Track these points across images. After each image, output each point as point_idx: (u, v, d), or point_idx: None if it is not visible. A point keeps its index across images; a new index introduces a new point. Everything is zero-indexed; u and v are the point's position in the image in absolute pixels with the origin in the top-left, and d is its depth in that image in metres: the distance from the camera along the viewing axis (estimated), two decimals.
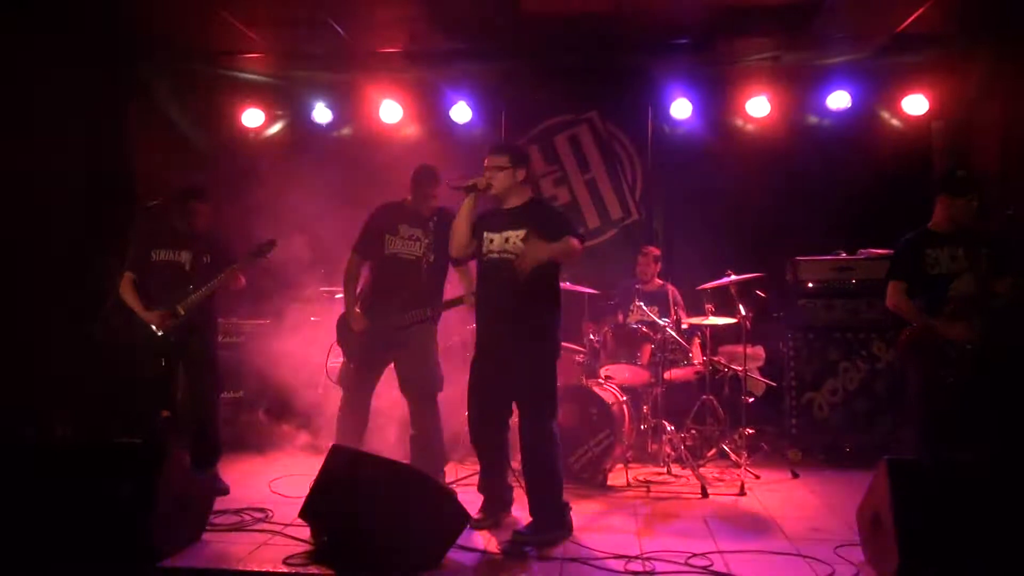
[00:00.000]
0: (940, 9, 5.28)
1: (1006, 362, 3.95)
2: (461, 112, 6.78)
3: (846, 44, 6.04)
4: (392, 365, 4.64)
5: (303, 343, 5.60)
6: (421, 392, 4.57)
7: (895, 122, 6.44)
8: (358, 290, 4.72)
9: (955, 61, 6.03)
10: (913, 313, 4.04)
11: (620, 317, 5.92)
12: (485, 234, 3.89)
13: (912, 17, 5.44)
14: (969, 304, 3.93)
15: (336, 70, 6.64)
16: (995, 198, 4.07)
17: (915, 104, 6.26)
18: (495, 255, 3.85)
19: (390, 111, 6.77)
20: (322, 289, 6.08)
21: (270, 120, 6.98)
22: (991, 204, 4.14)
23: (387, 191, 4.87)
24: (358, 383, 4.65)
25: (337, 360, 4.90)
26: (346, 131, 7.02)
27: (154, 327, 4.56)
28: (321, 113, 6.86)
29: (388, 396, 4.88)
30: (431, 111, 6.86)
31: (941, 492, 3.30)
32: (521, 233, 3.78)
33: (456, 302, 4.57)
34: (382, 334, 4.52)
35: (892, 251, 4.38)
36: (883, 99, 6.40)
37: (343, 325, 4.67)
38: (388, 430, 5.24)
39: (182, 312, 4.56)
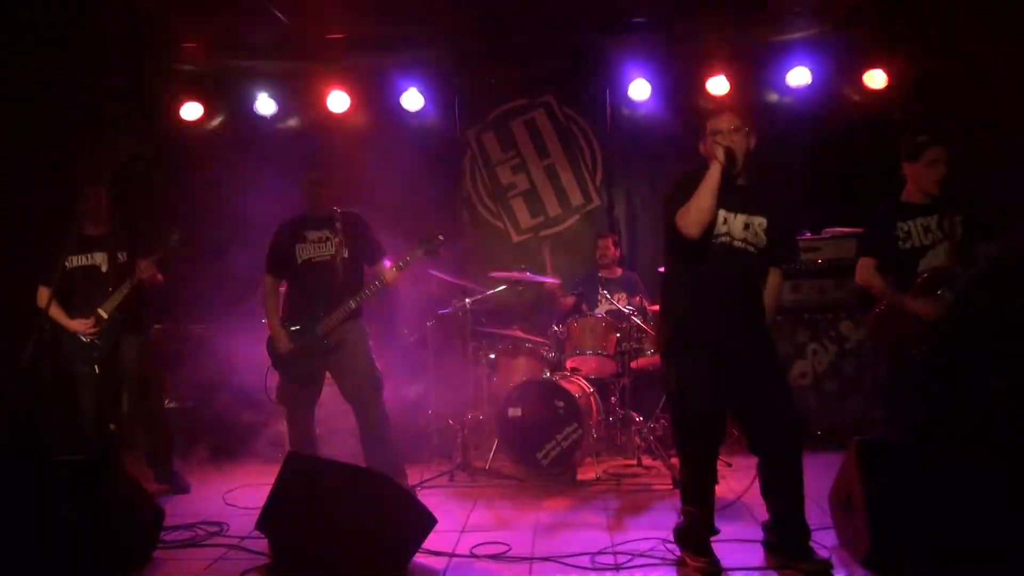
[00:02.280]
0: None
1: (975, 337, 3.97)
2: (412, 99, 6.72)
3: (804, 20, 6.12)
4: (332, 374, 4.66)
5: (253, 346, 5.51)
6: (363, 394, 4.57)
7: (857, 97, 6.44)
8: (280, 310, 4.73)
9: (910, 31, 6.12)
10: (882, 290, 4.07)
11: (584, 307, 5.96)
12: (720, 212, 3.38)
13: None
14: (939, 278, 3.94)
15: (279, 59, 6.58)
16: (961, 166, 4.08)
17: (875, 78, 6.33)
18: (730, 241, 3.40)
19: (337, 100, 6.70)
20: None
21: (210, 113, 6.87)
22: (957, 172, 4.14)
23: (337, 179, 4.89)
24: (298, 400, 4.65)
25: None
26: (292, 122, 6.95)
27: (80, 335, 4.54)
28: (264, 104, 6.77)
29: (338, 405, 4.88)
30: (381, 99, 6.81)
31: (911, 472, 3.38)
32: (763, 221, 3.43)
33: (378, 285, 4.56)
34: (311, 345, 4.53)
35: (859, 229, 4.42)
36: (844, 74, 6.46)
37: (272, 349, 4.67)
38: (344, 439, 5.24)
39: (104, 315, 4.54)
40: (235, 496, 4.78)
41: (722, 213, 3.37)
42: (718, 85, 6.50)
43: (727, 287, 3.39)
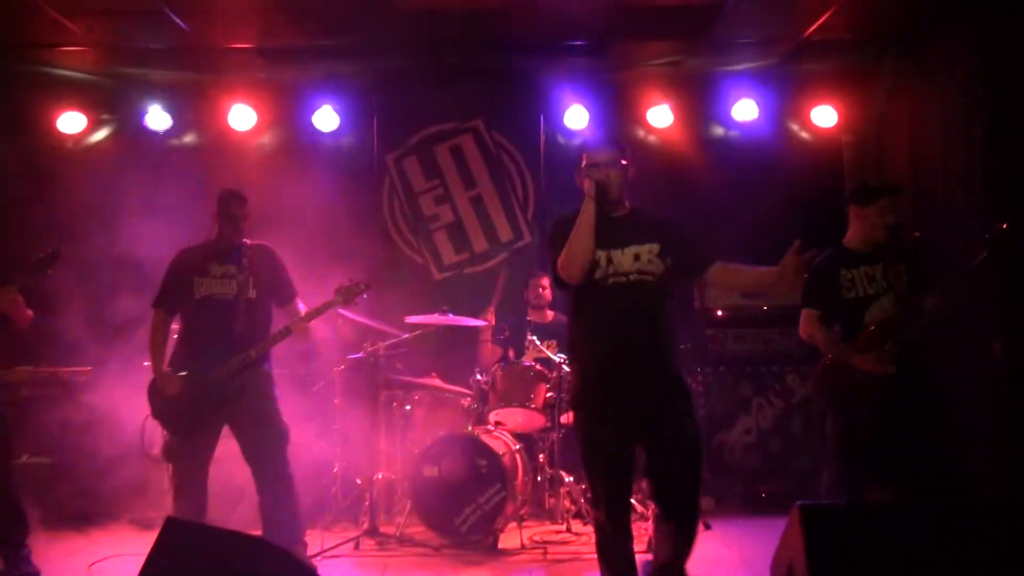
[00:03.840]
0: (845, 16, 5.60)
1: (925, 393, 4.08)
2: (326, 118, 6.73)
3: (750, 50, 6.33)
4: (227, 427, 4.55)
5: (133, 393, 5.32)
6: (264, 449, 4.49)
7: (804, 135, 6.77)
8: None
9: (863, 70, 6.43)
10: (827, 343, 4.16)
11: (511, 354, 5.96)
12: (597, 252, 3.49)
13: (817, 23, 5.74)
14: (886, 331, 4.05)
15: (176, 68, 6.51)
16: (907, 215, 4.26)
17: (824, 116, 6.61)
18: (621, 279, 3.50)
19: (241, 116, 6.69)
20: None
21: (93, 125, 6.80)
22: (904, 221, 4.32)
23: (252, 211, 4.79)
24: (186, 456, 4.51)
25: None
26: (188, 139, 6.93)
27: None
28: (156, 118, 6.71)
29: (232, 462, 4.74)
30: (291, 117, 6.82)
31: (857, 539, 3.42)
32: (654, 248, 3.52)
33: (283, 333, 4.50)
34: (204, 393, 4.41)
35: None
36: (791, 110, 6.74)
37: (155, 393, 4.49)
38: (238, 503, 5.11)
39: None
40: (103, 569, 4.64)
41: (604, 253, 3.49)
42: (660, 115, 6.72)
43: (626, 327, 3.49)
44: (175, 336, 4.64)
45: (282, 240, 5.22)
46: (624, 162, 3.59)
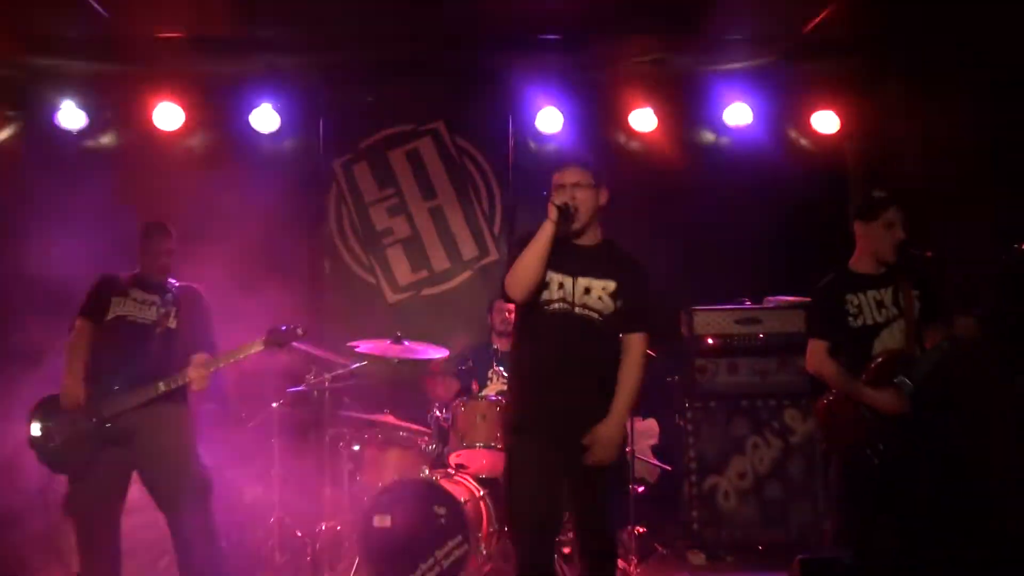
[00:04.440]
0: (848, 10, 5.65)
1: (941, 433, 4.09)
2: (265, 118, 6.72)
3: (744, 48, 6.40)
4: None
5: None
6: (179, 501, 4.42)
7: (804, 142, 6.87)
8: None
9: (868, 71, 6.50)
10: (836, 378, 4.13)
11: (475, 387, 5.92)
12: (550, 274, 3.67)
13: (818, 19, 5.81)
14: (896, 364, 4.04)
15: (93, 59, 6.44)
16: (917, 233, 4.28)
17: (826, 121, 6.69)
18: (568, 308, 3.67)
19: (167, 114, 6.65)
20: None
21: None
22: (916, 239, 4.34)
23: (160, 218, 4.80)
24: (91, 507, 4.42)
25: None
26: (106, 140, 6.89)
27: None
28: (70, 115, 6.65)
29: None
30: (224, 115, 6.81)
31: None
32: (609, 285, 3.68)
33: (177, 380, 4.43)
34: (86, 429, 4.34)
35: (807, 298, 4.53)
36: (789, 114, 6.83)
37: (47, 414, 4.41)
38: (159, 559, 5.04)
39: None
40: None
41: (558, 277, 3.65)
42: (643, 119, 6.76)
43: (565, 359, 3.64)
44: None
45: (213, 257, 5.27)
46: (595, 185, 3.69)
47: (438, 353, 5.82)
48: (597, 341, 3.66)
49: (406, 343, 5.58)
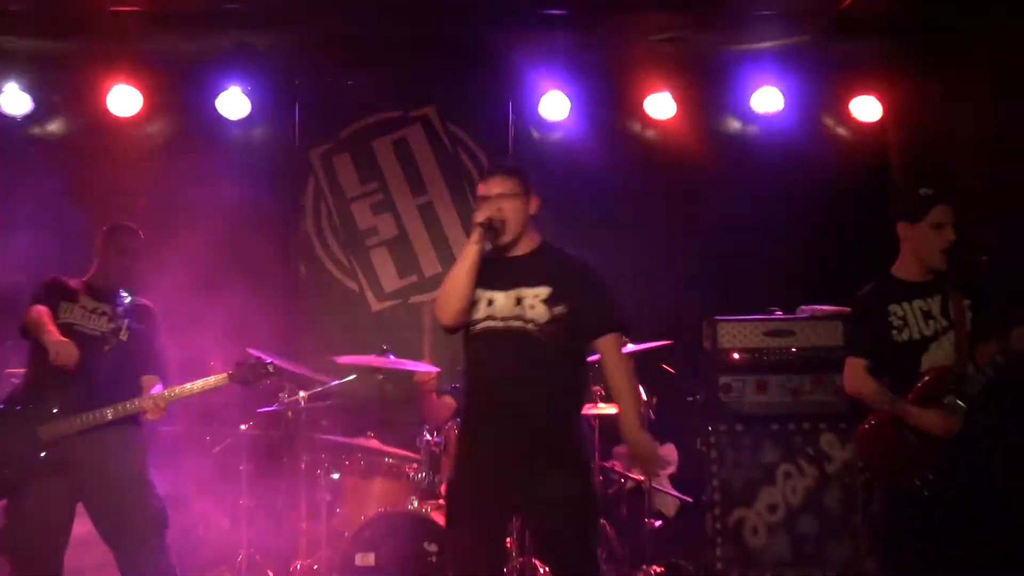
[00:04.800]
0: None
1: (998, 460, 4.06)
2: (233, 103, 6.73)
3: (774, 25, 6.38)
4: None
5: None
6: (128, 538, 4.40)
7: (841, 131, 6.87)
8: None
9: (915, 51, 6.44)
10: (878, 398, 4.12)
11: None
12: (479, 292, 3.79)
13: None
14: (945, 382, 4.01)
15: (39, 35, 6.47)
16: (969, 235, 4.26)
17: (866, 107, 6.69)
18: (497, 324, 3.76)
19: (124, 99, 6.65)
20: (7, 371, 5.73)
21: None
22: (968, 243, 4.29)
23: (115, 215, 4.83)
24: (30, 543, 4.38)
25: None
26: (54, 127, 6.89)
27: None
28: (13, 99, 6.64)
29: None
30: (188, 100, 6.83)
31: None
32: (542, 291, 3.73)
33: (132, 408, 4.45)
34: (20, 451, 4.32)
35: (846, 308, 4.50)
36: (825, 100, 6.82)
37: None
38: None
39: None
40: None
41: (486, 294, 3.77)
42: (661, 105, 6.75)
43: (500, 381, 3.73)
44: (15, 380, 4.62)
45: (174, 260, 5.36)
46: (523, 193, 3.79)
47: (429, 369, 5.82)
48: (536, 354, 3.69)
49: (392, 357, 5.56)
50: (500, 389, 3.70)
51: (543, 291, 3.71)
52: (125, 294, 4.61)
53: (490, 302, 3.75)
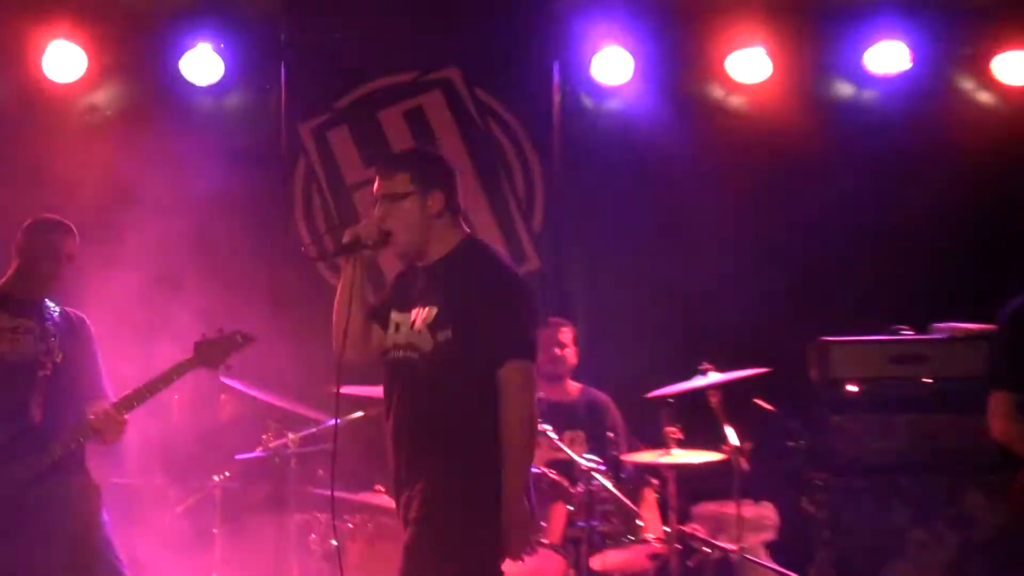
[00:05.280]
0: None
1: None
2: (202, 64, 6.66)
3: None
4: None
5: None
6: None
7: (984, 97, 6.72)
8: None
9: None
10: None
11: None
12: (393, 314, 3.86)
13: None
14: None
15: None
16: None
17: (1015, 67, 6.54)
18: (399, 353, 3.78)
19: (64, 60, 6.59)
20: None
21: None
22: None
23: (48, 206, 4.81)
24: None
25: None
26: None
27: None
28: None
29: None
30: (145, 61, 6.79)
31: None
32: (430, 313, 3.70)
33: (82, 437, 4.46)
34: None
35: (991, 327, 4.57)
36: (962, 58, 6.70)
37: None
38: None
39: None
40: None
41: (396, 316, 3.83)
42: (749, 64, 6.60)
43: (396, 422, 3.76)
44: None
45: (127, 259, 5.53)
46: (418, 191, 3.73)
47: None
48: (420, 390, 3.68)
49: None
50: (395, 433, 3.74)
51: (431, 312, 3.70)
52: (52, 305, 4.61)
53: (398, 326, 3.81)
